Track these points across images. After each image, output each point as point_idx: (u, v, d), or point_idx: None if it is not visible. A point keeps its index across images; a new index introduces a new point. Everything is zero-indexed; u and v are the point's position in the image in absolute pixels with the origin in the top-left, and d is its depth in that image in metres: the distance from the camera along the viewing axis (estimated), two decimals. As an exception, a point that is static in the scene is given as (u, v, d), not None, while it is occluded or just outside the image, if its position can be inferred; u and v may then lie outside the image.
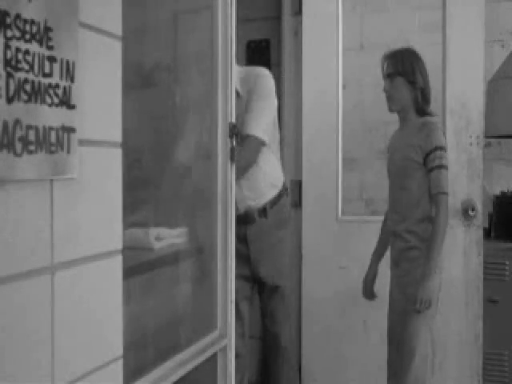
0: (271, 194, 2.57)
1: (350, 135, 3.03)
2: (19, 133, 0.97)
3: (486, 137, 3.02)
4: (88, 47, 1.15)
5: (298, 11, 2.96)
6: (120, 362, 1.27)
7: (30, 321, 1.01)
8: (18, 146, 0.97)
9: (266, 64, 2.93)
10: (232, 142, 2.02)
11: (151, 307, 1.74)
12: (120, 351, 1.27)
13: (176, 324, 1.91)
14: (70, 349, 1.10)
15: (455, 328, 2.77)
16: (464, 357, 2.79)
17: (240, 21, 2.16)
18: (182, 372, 1.77)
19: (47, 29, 1.03)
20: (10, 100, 0.95)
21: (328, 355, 3.01)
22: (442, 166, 2.41)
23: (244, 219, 2.52)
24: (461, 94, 2.76)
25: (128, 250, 1.32)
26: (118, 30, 1.25)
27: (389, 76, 2.53)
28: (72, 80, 1.10)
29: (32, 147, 1.00)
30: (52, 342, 1.06)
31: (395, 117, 2.61)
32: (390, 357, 2.52)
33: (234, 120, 2.03)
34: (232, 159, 2.02)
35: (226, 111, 2.02)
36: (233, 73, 2.06)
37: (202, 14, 2.20)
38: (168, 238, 1.84)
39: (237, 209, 2.40)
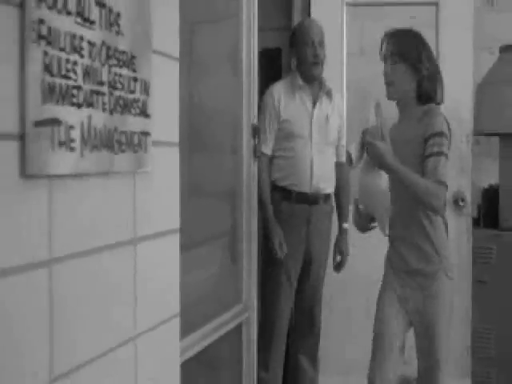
0: (331, 188, 2.94)
1: (350, 135, 3.30)
2: (116, 137, 1.28)
3: (476, 135, 3.34)
4: (156, 68, 1.46)
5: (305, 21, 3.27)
6: (178, 318, 1.59)
7: (116, 283, 1.32)
8: (116, 146, 1.28)
9: (278, 71, 3.25)
10: (254, 141, 2.35)
11: (193, 282, 2.05)
12: (178, 309, 1.59)
13: (209, 297, 2.23)
14: (147, 304, 1.42)
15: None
16: (455, 332, 3.10)
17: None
18: (216, 336, 2.10)
19: (132, 57, 1.35)
20: (111, 112, 1.26)
21: (330, 342, 3.30)
22: (441, 153, 2.13)
23: (310, 199, 2.89)
24: (452, 98, 3.07)
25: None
26: (176, 52, 1.57)
27: (391, 57, 2.26)
28: (147, 95, 1.41)
29: (124, 147, 1.31)
30: (135, 299, 1.37)
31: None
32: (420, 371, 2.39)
33: (256, 121, 2.35)
34: (254, 155, 2.34)
35: (249, 114, 2.34)
36: (255, 78, 2.37)
37: (227, 22, 2.49)
38: None
39: (307, 186, 2.84)
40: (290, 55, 3.02)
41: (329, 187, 2.99)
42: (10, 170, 0.99)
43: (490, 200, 3.37)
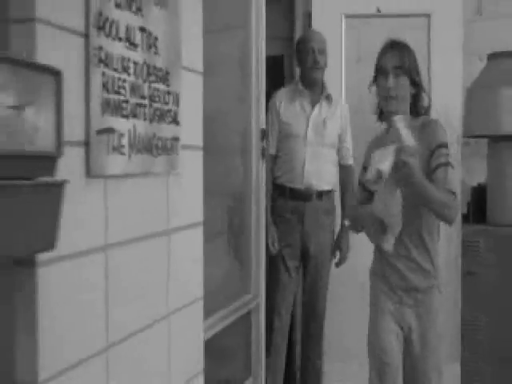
0: (327, 186, 3.14)
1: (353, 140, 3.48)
2: (154, 142, 1.50)
3: (465, 136, 3.57)
4: (185, 82, 1.67)
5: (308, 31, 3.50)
6: (202, 301, 1.80)
7: (155, 267, 1.53)
8: (155, 151, 1.49)
9: (281, 77, 3.47)
10: (262, 143, 2.56)
11: (208, 272, 2.26)
12: (202, 292, 1.80)
13: (221, 287, 2.44)
14: (178, 287, 1.64)
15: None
16: (446, 320, 3.33)
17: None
18: (227, 321, 2.31)
19: (167, 73, 1.56)
20: (151, 121, 1.48)
21: (330, 332, 3.51)
22: (448, 164, 2.16)
23: (303, 196, 3.11)
24: (443, 101, 3.30)
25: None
26: (200, 67, 1.78)
27: (393, 70, 2.21)
28: (178, 105, 1.63)
29: (160, 151, 1.52)
30: (168, 282, 1.59)
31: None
32: None
33: (264, 126, 2.57)
34: (263, 156, 2.56)
35: (258, 118, 2.55)
36: (263, 84, 2.59)
37: (236, 31, 2.69)
38: None
39: (300, 182, 3.05)
40: (294, 63, 3.25)
41: (323, 185, 3.17)
42: (78, 171, 1.20)
43: (478, 197, 3.59)
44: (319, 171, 3.16)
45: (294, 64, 3.31)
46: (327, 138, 3.20)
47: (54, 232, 1.04)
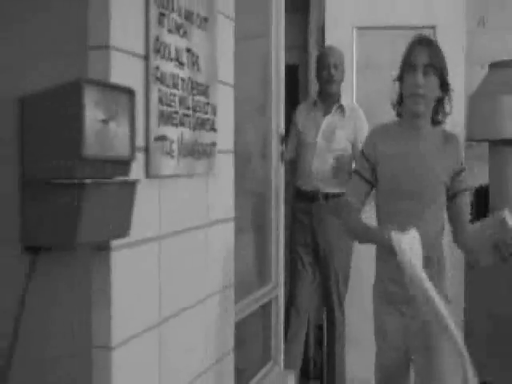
0: (335, 189, 3.32)
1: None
2: (196, 147, 1.72)
3: (467, 141, 3.79)
4: (219, 94, 1.90)
5: (321, 42, 3.72)
6: (233, 287, 2.03)
7: (197, 256, 1.76)
8: (197, 154, 1.72)
9: (295, 86, 3.69)
10: (282, 148, 2.79)
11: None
12: (233, 279, 2.03)
13: (245, 277, 2.66)
14: (214, 273, 1.86)
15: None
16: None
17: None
18: (250, 309, 2.53)
19: (206, 87, 1.79)
20: (193, 129, 1.71)
21: None
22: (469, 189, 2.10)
23: (310, 197, 3.32)
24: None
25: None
26: (232, 80, 2.01)
27: (424, 67, 1.99)
28: (215, 115, 1.85)
29: (201, 155, 1.75)
30: (207, 268, 1.82)
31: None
32: None
33: (283, 131, 2.79)
34: (282, 159, 2.79)
35: (277, 124, 2.78)
36: (282, 92, 2.81)
37: (257, 41, 2.88)
38: None
39: (309, 185, 3.25)
40: (310, 73, 3.48)
41: (330, 188, 3.38)
42: (140, 173, 1.43)
43: (481, 199, 3.80)
44: (325, 175, 3.36)
45: (308, 73, 3.52)
46: (335, 144, 3.38)
47: (128, 222, 1.27)
